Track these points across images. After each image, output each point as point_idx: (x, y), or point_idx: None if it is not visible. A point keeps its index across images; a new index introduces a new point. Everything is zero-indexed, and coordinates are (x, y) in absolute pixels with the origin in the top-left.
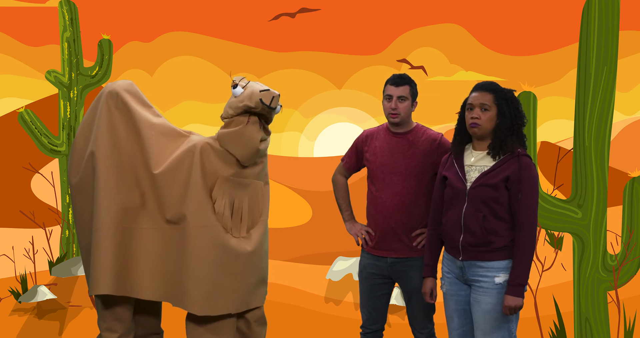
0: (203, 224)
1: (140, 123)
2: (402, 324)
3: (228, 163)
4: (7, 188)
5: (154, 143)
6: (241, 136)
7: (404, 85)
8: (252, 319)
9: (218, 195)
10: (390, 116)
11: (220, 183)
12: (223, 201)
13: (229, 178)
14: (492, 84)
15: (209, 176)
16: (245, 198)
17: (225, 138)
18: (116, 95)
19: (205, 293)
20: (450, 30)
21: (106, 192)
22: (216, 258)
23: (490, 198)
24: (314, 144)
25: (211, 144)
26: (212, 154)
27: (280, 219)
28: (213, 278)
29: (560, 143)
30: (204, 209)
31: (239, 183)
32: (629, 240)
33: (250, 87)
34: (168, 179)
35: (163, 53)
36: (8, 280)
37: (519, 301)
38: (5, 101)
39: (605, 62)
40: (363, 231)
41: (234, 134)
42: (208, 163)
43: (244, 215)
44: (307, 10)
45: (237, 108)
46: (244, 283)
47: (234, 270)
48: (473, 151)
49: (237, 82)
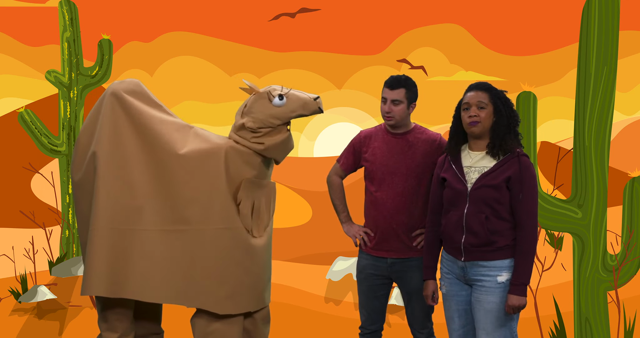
0: (226, 226)
1: (148, 121)
2: (402, 324)
3: (252, 166)
4: (7, 188)
5: (171, 133)
6: (288, 143)
7: (399, 88)
8: (259, 317)
9: (243, 197)
10: (385, 119)
11: (245, 184)
12: (247, 203)
13: (253, 179)
14: (486, 83)
15: (234, 178)
16: (263, 198)
17: (275, 149)
18: (119, 95)
19: (230, 292)
20: (450, 30)
21: (105, 193)
22: (239, 259)
23: (492, 199)
24: (314, 144)
25: (235, 148)
26: (237, 157)
27: (280, 219)
28: (237, 277)
29: (560, 143)
30: (227, 212)
31: (260, 184)
32: (629, 240)
33: (296, 95)
34: (191, 169)
35: (163, 53)
36: (8, 280)
37: (523, 300)
38: (5, 101)
39: (605, 62)
40: (361, 232)
41: (284, 143)
42: (233, 166)
43: (262, 214)
44: (307, 10)
45: (287, 118)
46: (262, 282)
47: (254, 269)
48: (470, 151)
49: (284, 93)
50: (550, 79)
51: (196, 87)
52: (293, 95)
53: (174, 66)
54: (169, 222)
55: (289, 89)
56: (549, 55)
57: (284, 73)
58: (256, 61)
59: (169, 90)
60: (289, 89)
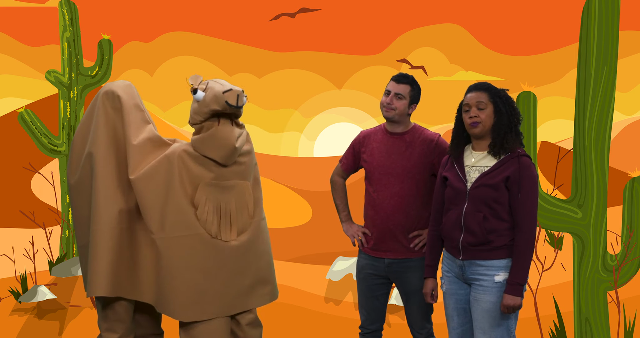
0: (183, 234)
1: (127, 125)
2: (401, 324)
3: (207, 167)
4: (7, 188)
5: (138, 147)
6: (215, 139)
7: (405, 84)
8: (244, 322)
9: (201, 201)
10: (384, 110)
11: (202, 188)
12: (206, 207)
13: (211, 182)
14: (485, 83)
15: (189, 183)
16: (232, 200)
17: (199, 144)
18: (112, 95)
19: (189, 300)
20: (450, 30)
21: (104, 192)
22: (199, 265)
23: (491, 198)
24: (314, 144)
25: (187, 151)
26: (190, 160)
27: (280, 219)
28: (197, 285)
29: (560, 143)
30: (183, 219)
31: (222, 186)
32: (629, 240)
33: (211, 89)
34: (144, 185)
35: (163, 53)
36: (8, 280)
37: (518, 300)
38: (5, 101)
39: (605, 62)
40: (360, 232)
41: (208, 139)
42: (186, 170)
43: (232, 218)
44: (307, 10)
45: (204, 113)
46: (235, 286)
47: (221, 275)
48: (473, 151)
49: (196, 86)
50: (550, 79)
51: None
52: (210, 87)
53: (174, 66)
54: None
55: (214, 80)
56: (549, 55)
57: (284, 73)
58: (256, 61)
59: (169, 90)
60: (213, 81)
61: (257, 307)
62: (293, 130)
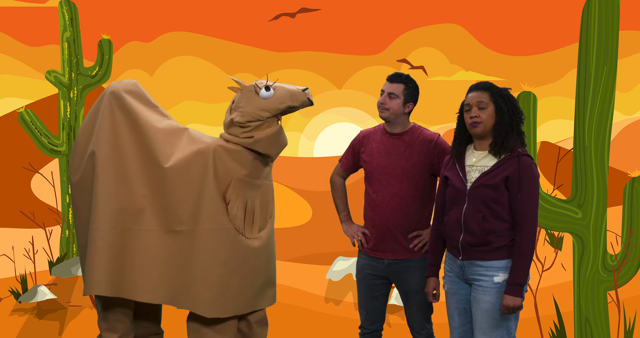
0: (215, 227)
1: (143, 123)
2: (402, 324)
3: (242, 164)
4: (7, 188)
5: (161, 140)
6: (279, 137)
7: (398, 83)
8: (254, 320)
9: (232, 197)
10: (379, 110)
11: (234, 184)
12: (237, 203)
13: (243, 179)
14: (487, 83)
15: (222, 178)
16: (257, 199)
17: (265, 142)
18: (119, 95)
19: (216, 295)
20: (450, 30)
21: (105, 192)
22: (226, 260)
23: (490, 198)
24: (314, 144)
25: (224, 147)
26: (226, 156)
27: (280, 219)
28: (223, 280)
29: (560, 143)
30: (216, 212)
31: (252, 183)
32: (629, 240)
33: (282, 87)
34: (178, 176)
35: (163, 53)
36: (8, 280)
37: (518, 301)
38: (5, 101)
39: (605, 62)
40: (359, 232)
41: (275, 136)
42: (222, 165)
43: (256, 215)
44: (307, 10)
45: (276, 110)
46: (252, 285)
47: (243, 272)
48: (474, 151)
49: (271, 85)
50: (550, 79)
51: (196, 87)
52: (281, 87)
53: (174, 66)
54: (165, 223)
55: (273, 82)
56: (549, 55)
57: (284, 73)
58: (256, 61)
59: (169, 90)
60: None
61: (262, 307)
62: (293, 130)
